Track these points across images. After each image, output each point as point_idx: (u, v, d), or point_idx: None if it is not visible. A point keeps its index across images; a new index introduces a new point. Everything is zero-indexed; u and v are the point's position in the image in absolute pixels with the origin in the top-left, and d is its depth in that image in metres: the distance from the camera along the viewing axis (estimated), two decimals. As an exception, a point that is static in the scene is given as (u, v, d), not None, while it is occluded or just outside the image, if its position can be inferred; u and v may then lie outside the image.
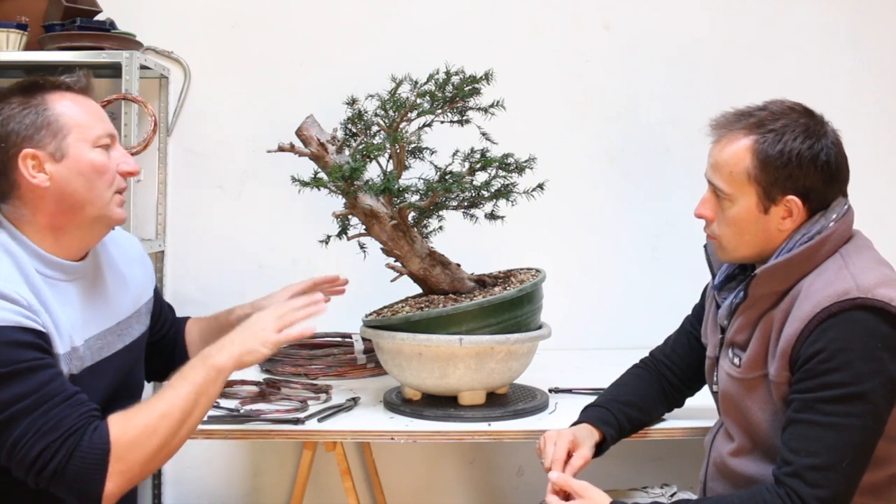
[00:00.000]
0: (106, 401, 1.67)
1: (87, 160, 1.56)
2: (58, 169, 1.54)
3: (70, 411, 1.43)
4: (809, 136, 1.50)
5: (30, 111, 1.54)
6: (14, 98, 1.55)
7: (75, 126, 1.55)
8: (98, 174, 1.57)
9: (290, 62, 2.67)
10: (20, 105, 1.54)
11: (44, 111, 1.54)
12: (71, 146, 1.55)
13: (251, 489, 2.75)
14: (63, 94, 1.58)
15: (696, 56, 2.69)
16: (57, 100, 1.56)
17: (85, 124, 1.57)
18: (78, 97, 1.59)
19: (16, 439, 1.40)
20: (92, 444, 1.41)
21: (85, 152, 1.56)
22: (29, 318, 1.46)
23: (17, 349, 1.43)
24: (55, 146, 1.54)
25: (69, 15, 2.42)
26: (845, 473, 1.40)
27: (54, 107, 1.55)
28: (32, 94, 1.56)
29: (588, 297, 2.71)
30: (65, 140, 1.54)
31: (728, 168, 1.53)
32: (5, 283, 1.46)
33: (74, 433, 1.41)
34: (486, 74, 1.91)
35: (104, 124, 1.61)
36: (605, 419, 1.73)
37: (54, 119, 1.54)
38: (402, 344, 1.87)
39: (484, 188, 1.93)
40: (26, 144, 1.52)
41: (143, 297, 1.82)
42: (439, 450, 2.73)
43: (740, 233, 1.55)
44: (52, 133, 1.54)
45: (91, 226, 1.61)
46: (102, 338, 1.66)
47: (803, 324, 1.45)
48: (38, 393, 1.42)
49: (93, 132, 1.57)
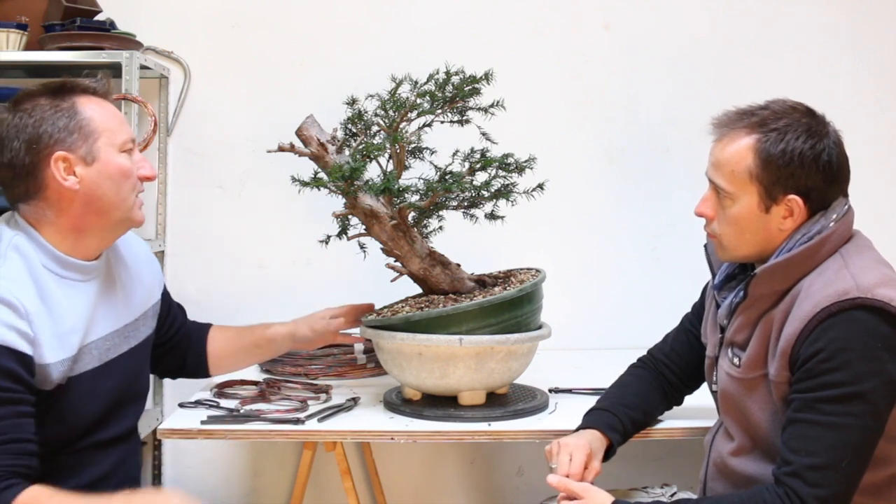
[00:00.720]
0: (112, 402, 1.67)
1: (116, 164, 1.59)
2: (88, 172, 1.56)
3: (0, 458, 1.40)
4: (812, 136, 1.50)
5: (62, 114, 1.55)
6: (44, 99, 1.56)
7: (105, 130, 1.58)
8: (125, 178, 1.60)
9: (290, 62, 2.67)
10: (51, 107, 1.55)
11: (75, 114, 1.55)
12: (101, 150, 1.57)
13: (251, 489, 2.75)
14: (89, 97, 1.59)
15: (696, 56, 2.68)
16: (85, 103, 1.58)
17: (113, 129, 1.59)
18: (102, 101, 1.61)
19: None
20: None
21: (113, 156, 1.59)
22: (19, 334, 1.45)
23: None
24: (86, 150, 1.56)
25: (69, 15, 2.42)
26: (845, 473, 1.40)
27: (84, 110, 1.57)
28: (62, 97, 1.57)
29: (588, 297, 2.71)
30: (95, 144, 1.56)
31: (730, 166, 1.53)
32: (9, 286, 1.47)
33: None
34: (486, 74, 1.91)
35: (127, 129, 1.64)
36: (613, 425, 1.73)
37: (86, 123, 1.56)
38: (402, 344, 1.87)
39: (484, 188, 1.93)
40: (59, 147, 1.54)
41: (150, 299, 1.82)
42: (439, 450, 2.73)
43: (741, 232, 1.55)
44: (83, 136, 1.55)
45: (114, 228, 1.64)
46: (110, 339, 1.67)
47: (803, 323, 1.45)
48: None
49: (120, 137, 1.60)
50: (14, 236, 1.55)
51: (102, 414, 1.66)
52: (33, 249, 1.54)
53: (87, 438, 1.63)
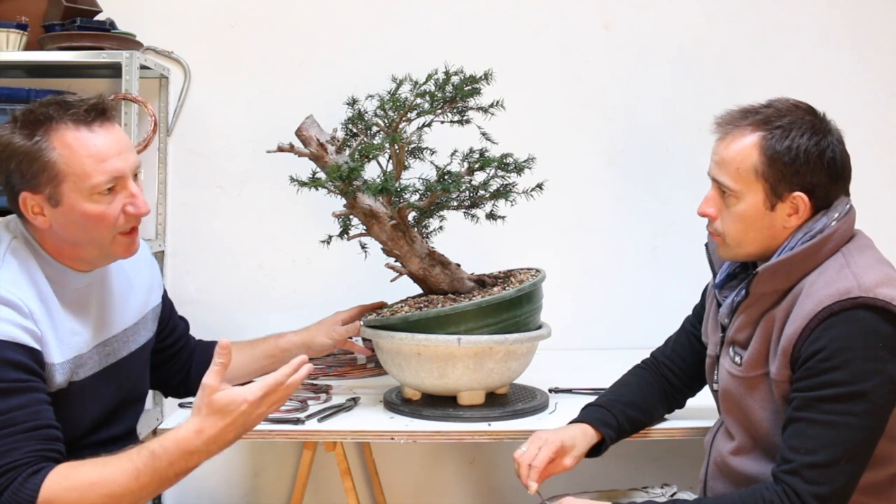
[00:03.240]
0: (113, 406, 1.67)
1: (81, 211, 1.51)
2: (54, 214, 1.52)
3: (25, 444, 1.39)
4: (816, 133, 1.50)
5: (31, 151, 1.48)
6: (18, 131, 1.50)
7: (70, 175, 1.49)
8: (94, 223, 1.52)
9: (290, 62, 2.67)
10: (24, 140, 1.49)
11: (44, 152, 1.48)
12: (65, 195, 1.50)
13: (251, 489, 2.75)
14: (70, 128, 1.49)
15: (696, 56, 2.68)
16: (59, 139, 1.49)
17: (81, 173, 1.49)
18: (85, 133, 1.50)
19: None
20: (22, 488, 1.36)
21: (78, 203, 1.50)
22: (25, 331, 1.45)
23: (4, 367, 1.41)
24: (50, 192, 1.50)
25: (69, 15, 2.42)
26: (844, 471, 1.40)
27: (54, 149, 1.48)
28: (36, 129, 1.49)
29: (588, 297, 2.71)
30: (59, 188, 1.49)
31: (735, 164, 1.53)
32: (11, 288, 1.47)
33: (15, 469, 1.37)
34: (486, 74, 1.91)
35: (109, 167, 1.51)
36: (605, 420, 1.73)
37: (52, 164, 1.48)
38: (401, 344, 1.87)
39: (482, 188, 1.93)
40: (25, 187, 1.50)
41: (150, 302, 1.81)
42: (439, 450, 2.73)
43: (746, 230, 1.55)
44: (47, 179, 1.49)
45: (94, 260, 1.61)
46: (110, 344, 1.66)
47: (804, 322, 1.45)
48: (3, 417, 1.39)
49: (89, 181, 1.50)
50: (12, 240, 1.55)
51: (103, 417, 1.66)
52: (31, 255, 1.54)
53: (85, 439, 1.62)
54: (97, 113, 1.52)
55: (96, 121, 1.52)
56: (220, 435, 1.42)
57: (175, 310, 1.96)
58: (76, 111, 1.50)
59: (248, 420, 1.43)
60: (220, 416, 1.41)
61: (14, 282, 1.48)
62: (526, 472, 1.60)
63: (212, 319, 2.14)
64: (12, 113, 1.54)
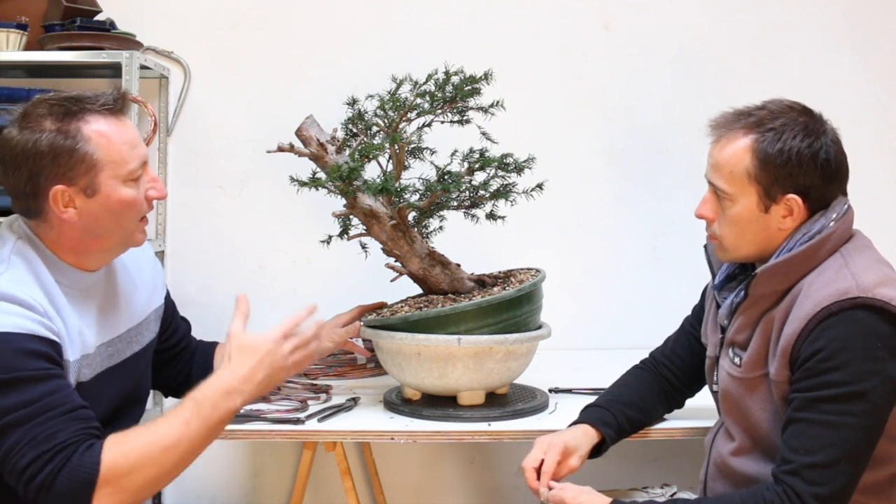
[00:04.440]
0: (115, 407, 1.67)
1: (118, 197, 1.55)
2: (88, 204, 1.53)
3: (67, 425, 1.41)
4: (809, 135, 1.50)
5: (65, 143, 1.49)
6: (49, 122, 1.50)
7: (109, 162, 1.52)
8: (128, 209, 1.57)
9: (290, 62, 2.67)
10: (55, 133, 1.50)
11: (79, 144, 1.50)
12: (103, 183, 1.53)
13: (251, 489, 2.75)
14: (98, 119, 1.53)
15: (696, 56, 2.68)
16: (93, 129, 1.51)
17: (118, 160, 1.54)
18: (114, 122, 1.55)
19: (10, 447, 1.39)
20: (81, 463, 1.38)
21: (116, 189, 1.54)
22: (43, 326, 1.45)
23: (25, 357, 1.42)
24: (87, 182, 1.52)
25: (69, 15, 2.42)
26: (844, 472, 1.40)
27: (89, 139, 1.51)
28: (69, 121, 1.51)
29: (588, 297, 2.71)
30: (97, 177, 1.52)
31: (728, 168, 1.53)
32: (22, 289, 1.47)
33: (66, 448, 1.39)
34: (486, 74, 1.91)
35: (138, 153, 1.57)
36: (605, 420, 1.73)
37: (89, 155, 1.50)
38: (400, 344, 1.87)
39: (482, 188, 1.93)
40: (59, 181, 1.50)
41: (153, 302, 1.82)
42: (439, 450, 2.73)
43: (741, 232, 1.55)
44: (85, 170, 1.51)
45: (112, 249, 1.63)
46: (113, 344, 1.66)
47: (803, 323, 1.45)
48: (39, 403, 1.41)
49: (126, 167, 1.55)
50: (17, 241, 1.55)
51: (105, 417, 1.65)
52: (36, 256, 1.54)
53: None
54: (122, 103, 1.58)
55: (121, 110, 1.58)
56: (251, 374, 1.52)
57: (177, 311, 1.96)
58: (105, 102, 1.55)
59: (275, 360, 1.55)
60: (248, 355, 1.53)
61: (23, 282, 1.48)
62: (533, 476, 1.60)
63: (212, 319, 2.14)
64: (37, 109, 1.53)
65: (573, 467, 1.64)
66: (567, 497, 1.54)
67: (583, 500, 1.53)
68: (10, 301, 1.44)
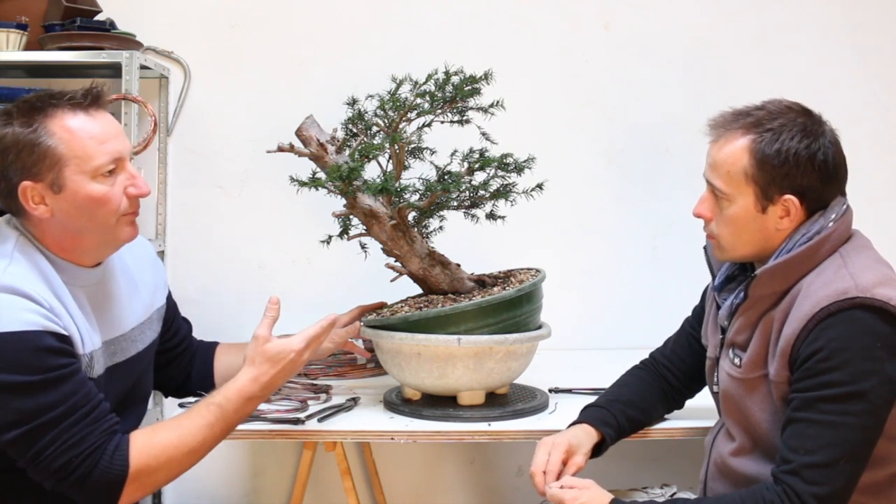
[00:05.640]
0: (117, 405, 1.67)
1: (85, 193, 1.51)
2: (57, 201, 1.51)
3: (94, 427, 1.45)
4: (807, 136, 1.50)
5: (28, 138, 1.48)
6: (16, 121, 1.49)
7: (73, 157, 1.49)
8: (98, 205, 1.53)
9: (290, 62, 2.67)
10: (21, 128, 1.48)
11: (41, 139, 1.48)
12: (68, 179, 1.50)
13: (251, 489, 2.75)
14: (67, 114, 1.50)
15: (696, 56, 2.69)
16: (58, 124, 1.49)
17: (83, 155, 1.50)
18: (83, 117, 1.51)
19: (40, 449, 1.41)
20: (112, 464, 1.44)
21: (82, 186, 1.50)
22: (53, 321, 1.46)
23: (47, 355, 1.43)
24: (52, 178, 1.49)
25: (69, 15, 2.42)
26: (843, 471, 1.40)
27: (53, 134, 1.48)
28: (33, 117, 1.49)
29: (588, 297, 2.71)
30: (62, 172, 1.49)
31: (726, 167, 1.53)
32: (28, 284, 1.46)
33: (96, 451, 1.43)
34: (486, 74, 1.91)
35: (110, 147, 1.53)
36: (605, 420, 1.73)
37: (52, 149, 1.48)
38: (400, 344, 1.87)
39: (482, 188, 1.93)
40: (25, 177, 1.49)
41: (155, 302, 1.81)
42: (439, 450, 2.73)
43: (738, 232, 1.56)
44: (49, 165, 1.48)
45: (97, 248, 1.60)
46: (115, 343, 1.66)
47: (802, 323, 1.45)
48: (66, 404, 1.43)
49: (93, 163, 1.51)
50: (19, 237, 1.55)
51: None
52: (37, 252, 1.54)
53: None
54: (93, 98, 1.54)
55: (92, 106, 1.54)
56: (272, 381, 1.59)
57: (179, 311, 1.96)
58: (72, 97, 1.52)
59: (294, 367, 1.62)
60: (272, 364, 1.59)
61: (28, 278, 1.48)
62: (542, 479, 1.60)
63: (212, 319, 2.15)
64: (6, 107, 1.53)
65: (579, 464, 1.64)
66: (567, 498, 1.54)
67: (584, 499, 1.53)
68: (15, 294, 1.44)
